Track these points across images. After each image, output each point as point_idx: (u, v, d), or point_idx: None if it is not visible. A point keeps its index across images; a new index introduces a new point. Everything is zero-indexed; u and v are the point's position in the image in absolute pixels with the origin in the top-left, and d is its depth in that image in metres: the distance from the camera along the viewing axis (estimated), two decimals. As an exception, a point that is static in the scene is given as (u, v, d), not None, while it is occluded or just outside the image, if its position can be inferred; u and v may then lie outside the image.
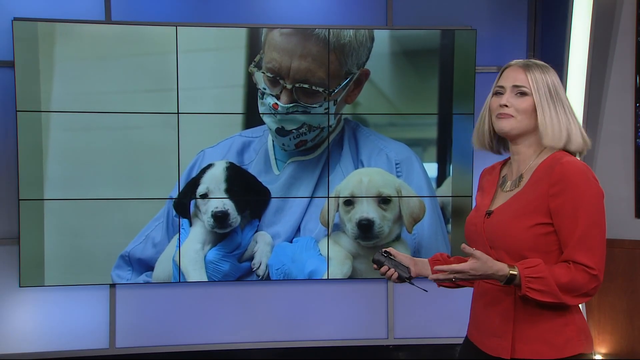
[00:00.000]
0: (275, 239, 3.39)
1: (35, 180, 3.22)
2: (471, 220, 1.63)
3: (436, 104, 3.47)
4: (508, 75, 1.57)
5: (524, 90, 1.54)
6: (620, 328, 3.26)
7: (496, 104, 1.57)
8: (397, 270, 1.64)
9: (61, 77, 3.22)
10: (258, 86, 3.31)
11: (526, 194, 1.53)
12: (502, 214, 1.55)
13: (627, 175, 3.25)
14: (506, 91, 1.56)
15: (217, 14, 3.47)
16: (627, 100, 3.25)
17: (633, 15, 3.20)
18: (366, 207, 3.30)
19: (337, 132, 3.41)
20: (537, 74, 1.54)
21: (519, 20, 3.64)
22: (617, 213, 3.18)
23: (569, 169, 1.46)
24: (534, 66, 1.55)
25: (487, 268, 1.43)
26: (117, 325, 3.46)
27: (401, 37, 3.42)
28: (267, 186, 3.37)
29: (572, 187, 1.45)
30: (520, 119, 1.54)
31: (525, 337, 1.50)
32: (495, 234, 1.54)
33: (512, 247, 1.50)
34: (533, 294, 1.43)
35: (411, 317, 3.62)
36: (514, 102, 1.54)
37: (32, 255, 3.24)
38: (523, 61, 1.58)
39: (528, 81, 1.53)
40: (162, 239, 3.34)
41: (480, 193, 1.70)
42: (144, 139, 3.33)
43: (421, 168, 3.45)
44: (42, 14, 3.27)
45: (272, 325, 3.56)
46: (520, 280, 1.44)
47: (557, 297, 1.43)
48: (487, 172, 1.74)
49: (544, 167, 1.52)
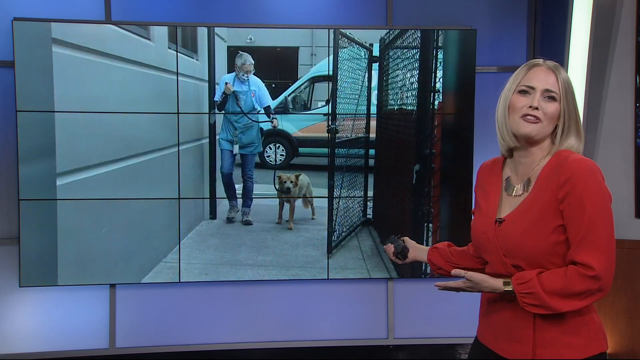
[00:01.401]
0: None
1: (35, 180, 3.22)
2: (480, 228, 1.58)
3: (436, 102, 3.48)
4: (538, 76, 1.50)
5: (554, 95, 1.48)
6: (620, 328, 3.26)
7: (523, 104, 1.49)
8: (394, 245, 1.83)
9: (61, 77, 3.22)
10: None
11: (536, 200, 1.48)
12: (516, 223, 1.50)
13: (627, 175, 3.25)
14: (537, 93, 1.48)
15: (217, 14, 3.47)
16: (627, 100, 3.24)
17: (633, 15, 3.20)
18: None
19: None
20: (565, 78, 1.50)
21: (519, 20, 3.63)
22: (617, 213, 3.15)
23: (577, 168, 1.43)
24: (560, 69, 1.51)
25: (481, 288, 1.48)
26: (117, 325, 3.46)
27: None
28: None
29: (580, 186, 1.42)
30: (546, 124, 1.49)
31: (545, 340, 1.49)
32: (510, 244, 1.50)
33: (530, 256, 1.47)
34: (529, 308, 1.45)
35: (411, 317, 3.62)
36: (543, 105, 1.48)
37: (32, 255, 3.24)
38: (551, 63, 1.52)
39: (559, 86, 1.49)
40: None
41: (481, 193, 1.65)
42: (144, 139, 3.34)
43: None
44: (42, 14, 3.27)
45: (272, 325, 3.56)
46: (516, 296, 1.46)
47: (552, 309, 1.43)
48: (487, 169, 1.66)
49: (550, 167, 1.49)
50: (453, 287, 1.53)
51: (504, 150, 1.58)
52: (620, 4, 3.22)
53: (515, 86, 1.51)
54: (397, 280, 3.59)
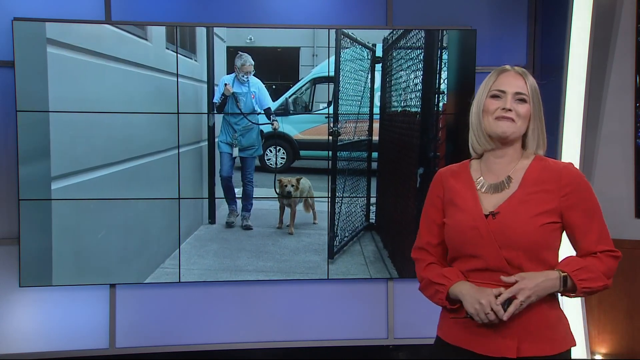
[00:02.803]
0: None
1: (35, 180, 3.22)
2: (468, 224, 1.59)
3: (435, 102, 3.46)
4: (507, 81, 1.60)
5: (524, 97, 1.59)
6: (620, 328, 3.26)
7: (496, 106, 1.59)
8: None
9: (61, 77, 3.22)
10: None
11: (531, 194, 1.57)
12: (514, 213, 1.55)
13: (627, 175, 3.25)
14: (507, 96, 1.58)
15: (217, 14, 3.46)
16: (627, 100, 3.25)
17: (633, 15, 3.20)
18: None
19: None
20: (532, 82, 1.61)
21: (519, 20, 3.63)
22: (617, 213, 3.18)
23: (576, 172, 1.59)
24: (528, 74, 1.62)
25: (535, 281, 1.49)
26: (117, 325, 3.45)
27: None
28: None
29: (584, 188, 1.58)
30: (520, 125, 1.59)
31: (529, 335, 1.53)
32: (510, 234, 1.54)
33: (530, 246, 1.53)
34: (585, 283, 1.52)
35: (411, 317, 3.62)
36: (515, 107, 1.58)
37: (32, 255, 3.24)
38: (518, 68, 1.63)
39: (527, 89, 1.60)
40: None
41: (452, 195, 1.65)
42: (144, 139, 3.32)
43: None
44: (42, 14, 3.26)
45: (272, 325, 3.56)
46: (571, 277, 1.52)
47: (604, 281, 1.54)
48: (448, 174, 1.69)
49: (539, 169, 1.60)
50: (515, 306, 1.48)
51: (477, 153, 1.67)
52: (620, 4, 3.22)
53: (488, 91, 1.61)
54: (397, 280, 3.59)
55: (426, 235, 1.72)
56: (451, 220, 1.63)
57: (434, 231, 1.70)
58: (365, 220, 3.58)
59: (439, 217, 1.69)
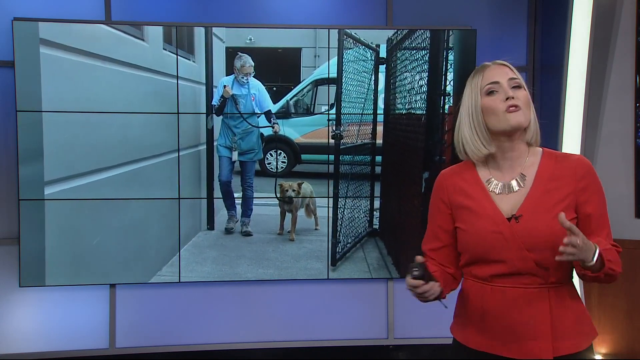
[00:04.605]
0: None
1: (35, 180, 3.22)
2: (490, 228, 1.50)
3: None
4: (495, 72, 1.52)
5: (518, 83, 1.51)
6: (620, 328, 3.26)
7: (497, 102, 1.49)
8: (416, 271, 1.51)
9: (61, 77, 3.21)
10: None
11: (550, 191, 1.49)
12: (537, 214, 1.48)
13: (627, 175, 3.25)
14: (503, 86, 1.50)
15: (217, 14, 3.46)
16: (627, 100, 3.24)
17: (633, 15, 3.20)
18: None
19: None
20: (516, 71, 1.54)
21: (519, 20, 3.63)
22: (617, 213, 3.18)
23: (589, 165, 1.54)
24: (509, 64, 1.54)
25: (586, 241, 1.38)
26: (117, 325, 3.45)
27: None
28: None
29: (596, 181, 1.53)
30: (526, 110, 1.50)
31: (563, 332, 1.49)
32: (537, 235, 1.46)
33: (557, 245, 1.38)
34: (611, 265, 1.44)
35: (411, 317, 3.62)
36: (515, 93, 1.49)
37: (32, 255, 3.24)
38: (499, 61, 1.55)
39: (516, 74, 1.52)
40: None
41: (463, 198, 1.57)
42: (144, 139, 3.31)
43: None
44: (42, 14, 3.26)
45: (272, 325, 3.56)
46: (600, 255, 1.41)
47: (620, 268, 1.48)
48: (455, 176, 1.61)
49: (552, 163, 1.53)
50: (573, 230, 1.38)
51: (479, 158, 1.56)
52: (620, 4, 3.22)
53: (479, 91, 1.52)
54: (397, 280, 3.59)
55: (430, 242, 1.66)
56: (469, 226, 1.54)
57: (440, 236, 1.63)
58: (368, 226, 3.52)
59: (445, 222, 1.61)
